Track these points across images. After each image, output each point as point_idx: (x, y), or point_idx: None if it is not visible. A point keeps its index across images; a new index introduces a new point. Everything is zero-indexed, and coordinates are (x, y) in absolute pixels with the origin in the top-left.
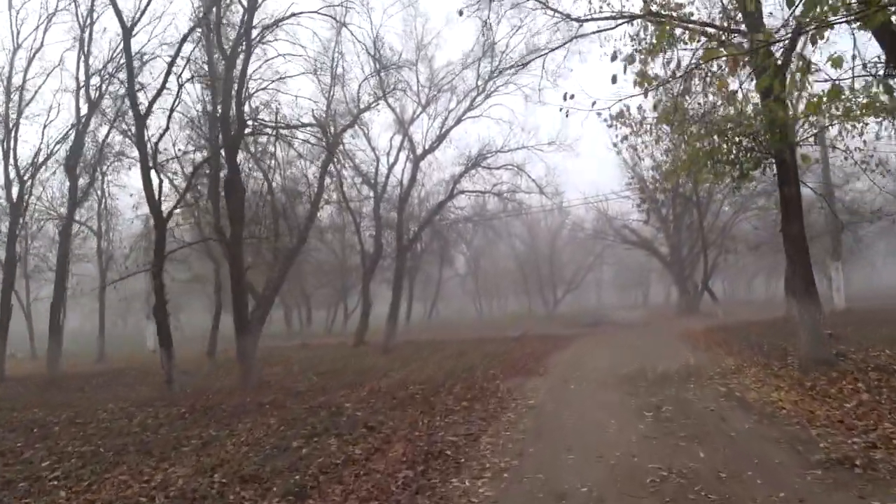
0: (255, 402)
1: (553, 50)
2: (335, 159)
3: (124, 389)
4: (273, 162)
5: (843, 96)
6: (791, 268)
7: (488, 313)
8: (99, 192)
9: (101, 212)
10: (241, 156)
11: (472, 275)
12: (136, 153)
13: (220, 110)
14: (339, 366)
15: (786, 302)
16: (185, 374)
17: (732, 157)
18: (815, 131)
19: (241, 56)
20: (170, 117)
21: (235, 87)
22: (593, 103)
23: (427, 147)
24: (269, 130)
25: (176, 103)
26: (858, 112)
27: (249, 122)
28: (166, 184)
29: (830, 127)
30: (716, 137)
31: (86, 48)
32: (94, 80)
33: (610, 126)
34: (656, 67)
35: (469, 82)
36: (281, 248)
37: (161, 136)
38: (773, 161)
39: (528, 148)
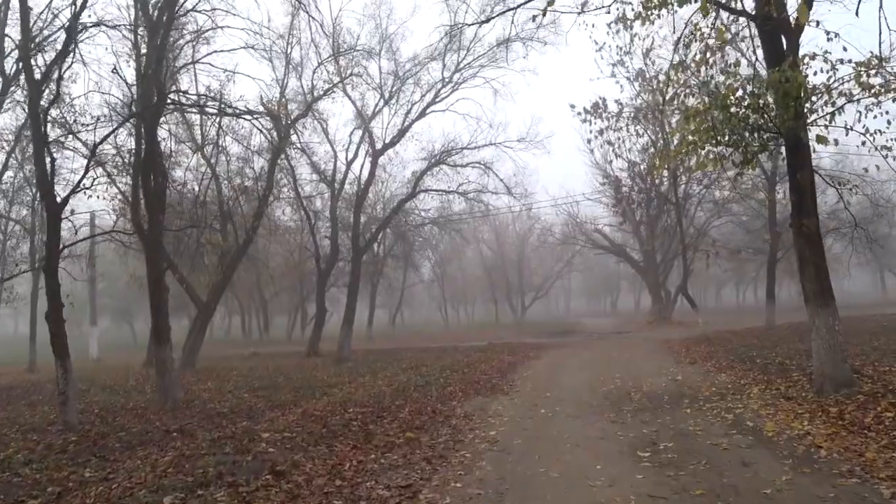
0: (161, 429)
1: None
2: (288, 153)
3: (27, 408)
4: (214, 150)
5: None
6: (804, 268)
7: (455, 321)
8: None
9: (34, 205)
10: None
11: (438, 281)
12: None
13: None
14: (280, 380)
15: (766, 310)
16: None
17: (736, 137)
18: (831, 109)
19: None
20: (59, 80)
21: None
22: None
23: (387, 141)
24: (210, 110)
25: (71, 61)
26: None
27: (175, 96)
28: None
29: (850, 104)
30: (716, 113)
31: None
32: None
33: (584, 121)
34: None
35: (435, 74)
36: (227, 250)
37: (51, 103)
38: (784, 142)
39: (497, 145)
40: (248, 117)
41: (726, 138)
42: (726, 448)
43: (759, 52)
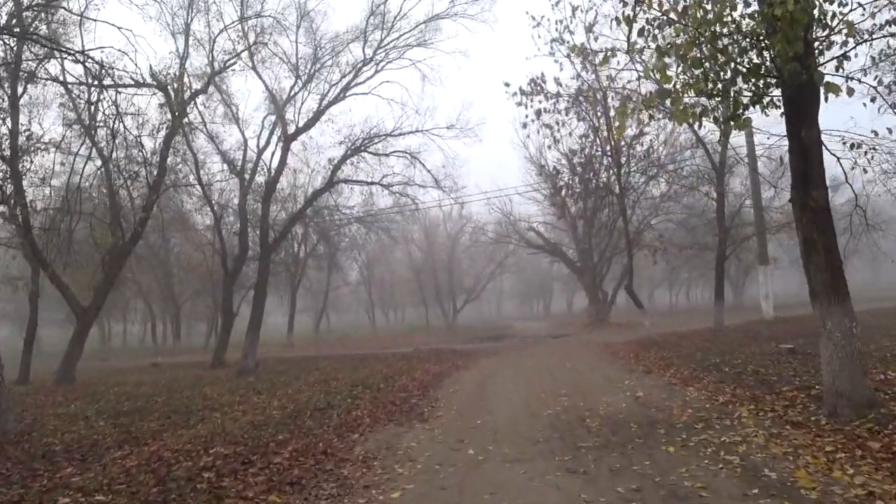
0: None
1: None
2: (189, 137)
3: None
4: (107, 133)
5: None
6: (810, 255)
7: (385, 325)
8: None
9: None
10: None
11: (365, 284)
12: None
13: None
14: (159, 400)
15: (715, 311)
16: None
17: (725, 81)
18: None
19: None
20: None
21: None
22: None
23: (301, 125)
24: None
25: None
26: None
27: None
28: None
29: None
30: (705, 49)
31: None
32: None
33: (519, 104)
34: None
35: (357, 54)
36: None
37: None
38: (782, 91)
39: (425, 132)
40: (132, 90)
41: (710, 85)
42: None
43: None
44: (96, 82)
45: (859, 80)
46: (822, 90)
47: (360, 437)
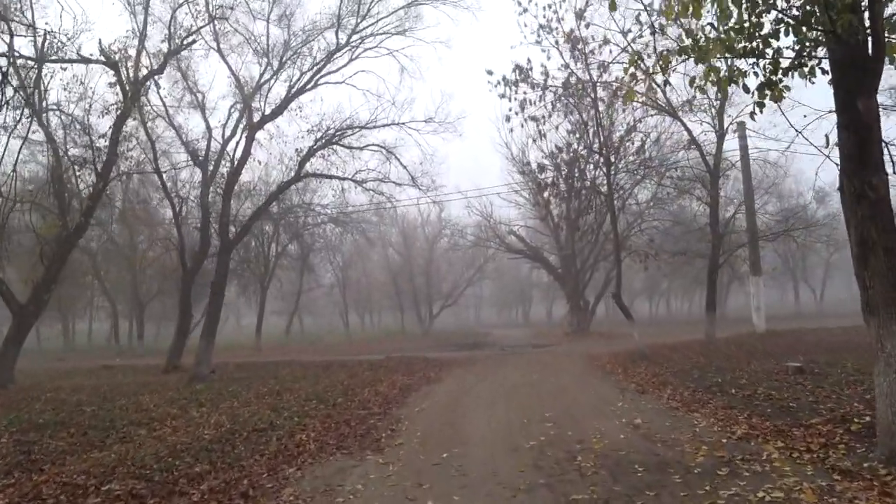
0: None
1: None
2: (143, 120)
3: None
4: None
5: None
6: (866, 259)
7: (360, 329)
8: None
9: None
10: None
11: (339, 286)
12: None
13: None
14: (88, 409)
15: (706, 322)
16: None
17: (763, 37)
18: None
19: None
20: None
21: None
22: None
23: (267, 113)
24: None
25: None
26: None
27: None
28: None
29: None
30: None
31: None
32: None
33: (503, 96)
34: None
35: (330, 39)
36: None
37: None
38: (829, 53)
39: (401, 125)
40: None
41: (744, 43)
42: None
43: None
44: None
45: None
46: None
47: (295, 472)
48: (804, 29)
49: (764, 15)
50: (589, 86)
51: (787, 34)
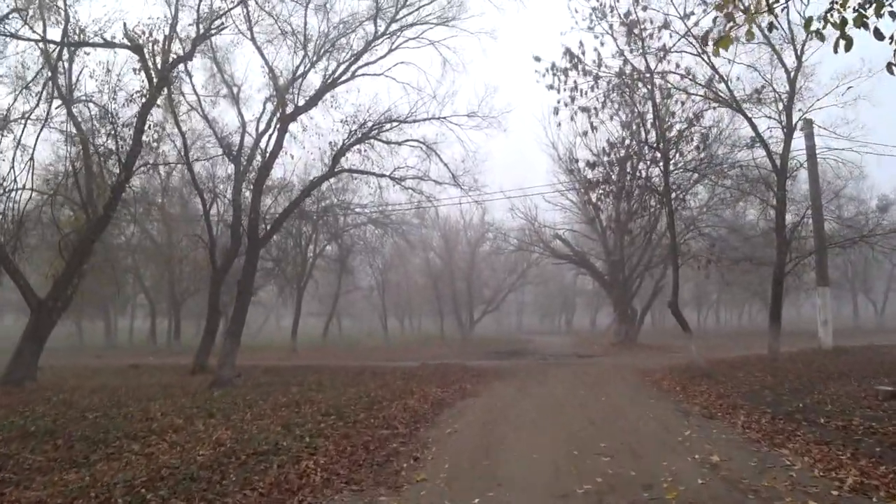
0: None
1: None
2: (177, 113)
3: None
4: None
5: None
6: None
7: (399, 333)
8: None
9: None
10: None
11: (378, 289)
12: None
13: None
14: (92, 416)
15: (769, 336)
16: None
17: None
18: None
19: None
20: None
21: None
22: None
23: (300, 104)
24: None
25: None
26: None
27: None
28: None
29: None
30: None
31: None
32: None
33: (550, 87)
34: None
35: (370, 29)
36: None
37: None
38: None
39: (442, 119)
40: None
41: None
42: None
43: None
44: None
45: None
46: None
47: None
48: None
49: None
50: (646, 75)
51: None
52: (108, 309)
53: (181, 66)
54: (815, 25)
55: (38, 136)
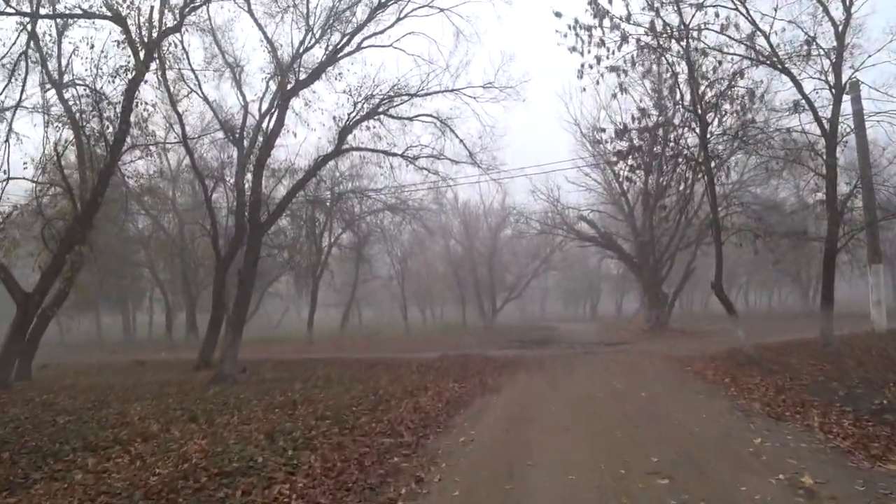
0: None
1: None
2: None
3: None
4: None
5: None
6: None
7: (420, 323)
8: None
9: None
10: None
11: (398, 278)
12: None
13: None
14: (62, 420)
15: (822, 319)
16: None
17: None
18: None
19: None
20: None
21: None
22: None
23: (301, 79)
24: None
25: None
26: None
27: None
28: None
29: None
30: None
31: None
32: None
33: (573, 49)
34: None
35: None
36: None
37: None
38: None
39: (456, 91)
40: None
41: None
42: None
43: None
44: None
45: None
46: None
47: None
48: None
49: None
50: (680, 28)
51: None
52: (125, 304)
53: (175, 44)
54: None
55: (11, 120)
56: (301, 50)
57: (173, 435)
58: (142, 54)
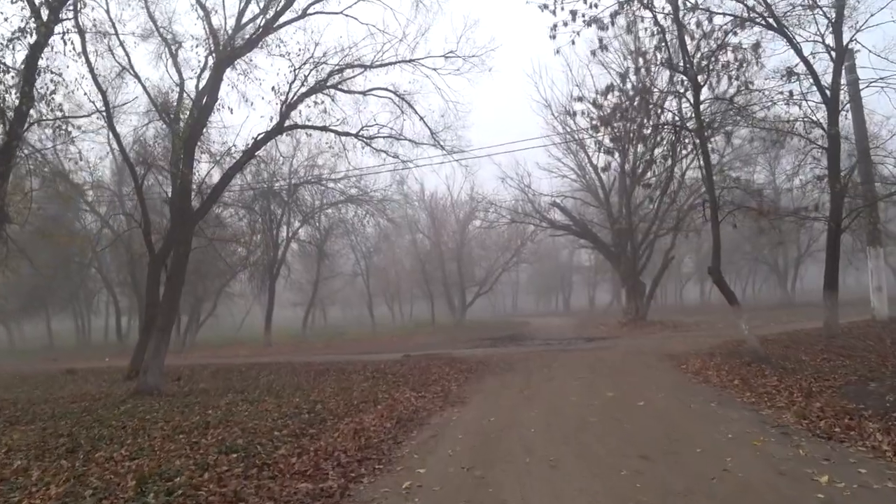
0: None
1: None
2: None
3: None
4: None
5: None
6: None
7: (388, 321)
8: None
9: None
10: None
11: (363, 275)
12: None
13: None
14: None
15: (827, 307)
16: None
17: None
18: None
19: None
20: None
21: None
22: None
23: (236, 45)
24: None
25: None
26: None
27: None
28: None
29: None
30: None
31: None
32: None
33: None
34: None
35: None
36: None
37: None
38: None
39: (415, 63)
40: None
41: None
42: None
43: None
44: None
45: None
46: None
47: None
48: None
49: None
50: None
51: None
52: (76, 306)
53: (93, 6)
54: None
55: None
56: (238, 13)
57: (29, 477)
58: (45, 14)
